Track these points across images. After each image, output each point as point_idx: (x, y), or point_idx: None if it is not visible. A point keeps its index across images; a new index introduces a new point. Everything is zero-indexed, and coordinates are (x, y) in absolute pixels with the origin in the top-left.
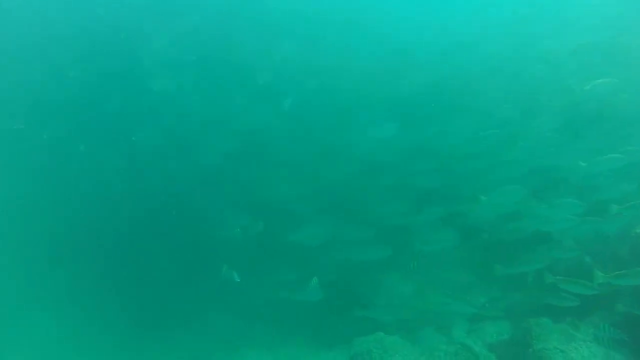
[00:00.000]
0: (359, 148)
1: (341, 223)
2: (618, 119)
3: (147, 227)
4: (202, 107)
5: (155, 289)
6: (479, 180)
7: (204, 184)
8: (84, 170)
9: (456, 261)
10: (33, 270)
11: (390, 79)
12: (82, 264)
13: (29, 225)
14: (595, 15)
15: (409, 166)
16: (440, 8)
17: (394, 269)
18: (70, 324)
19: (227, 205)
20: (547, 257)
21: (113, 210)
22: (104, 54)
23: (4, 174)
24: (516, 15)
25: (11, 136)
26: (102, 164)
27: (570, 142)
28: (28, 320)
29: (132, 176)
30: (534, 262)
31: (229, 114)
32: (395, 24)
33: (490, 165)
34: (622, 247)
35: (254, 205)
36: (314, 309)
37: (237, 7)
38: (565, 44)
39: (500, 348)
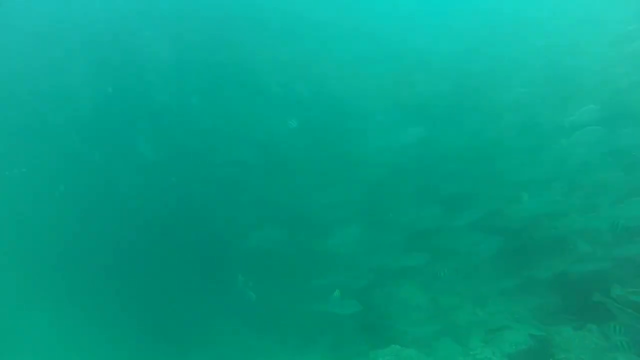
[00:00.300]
0: (386, 153)
1: (371, 229)
2: None
3: (162, 237)
4: (224, 119)
5: (167, 299)
6: (513, 180)
7: (222, 193)
8: (99, 180)
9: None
10: (48, 282)
11: (412, 81)
12: (97, 276)
13: (48, 237)
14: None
15: (439, 169)
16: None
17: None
18: (81, 336)
19: (251, 215)
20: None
21: (130, 221)
22: (115, 68)
23: (15, 176)
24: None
25: (19, 140)
26: (116, 173)
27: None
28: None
29: (146, 185)
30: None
31: (250, 125)
32: (420, 23)
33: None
34: None
35: (281, 214)
36: (331, 321)
37: (260, 17)
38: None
39: (520, 359)
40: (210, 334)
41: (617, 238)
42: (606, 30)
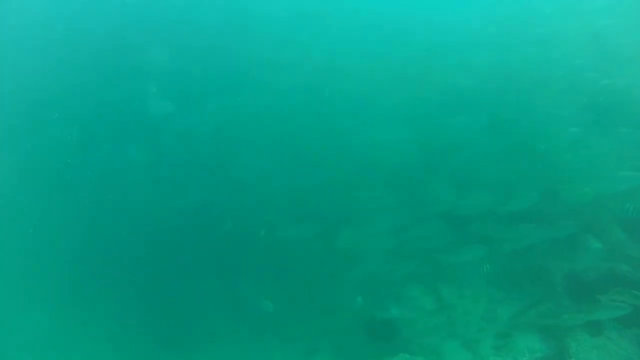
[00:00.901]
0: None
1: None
2: None
3: (171, 239)
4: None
5: (171, 302)
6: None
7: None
8: (104, 182)
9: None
10: (52, 283)
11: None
12: (104, 278)
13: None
14: None
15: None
16: None
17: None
18: (86, 338)
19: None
20: None
21: (139, 223)
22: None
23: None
24: None
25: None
26: (119, 174)
27: None
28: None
29: (153, 188)
30: None
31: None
32: None
33: None
34: None
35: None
36: (335, 326)
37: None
38: None
39: None
40: (209, 337)
41: None
42: None
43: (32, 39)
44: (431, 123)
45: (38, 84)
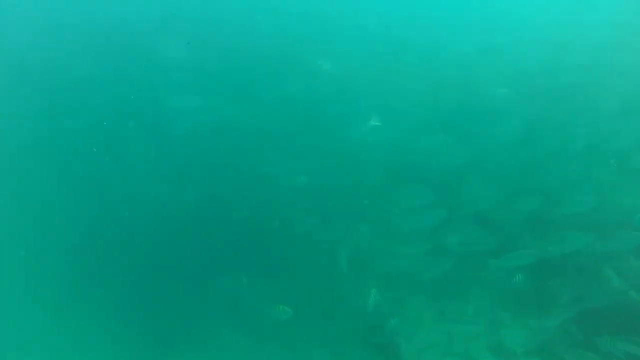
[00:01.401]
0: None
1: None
2: None
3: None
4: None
5: (170, 301)
6: None
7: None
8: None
9: None
10: (50, 282)
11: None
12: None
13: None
14: None
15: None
16: None
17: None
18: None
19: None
20: None
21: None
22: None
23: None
24: None
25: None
26: (120, 174)
27: None
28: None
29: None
30: None
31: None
32: None
33: None
34: None
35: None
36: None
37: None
38: None
39: None
40: (204, 340)
41: None
42: None
43: (41, 32)
44: (470, 128)
45: (43, 77)
